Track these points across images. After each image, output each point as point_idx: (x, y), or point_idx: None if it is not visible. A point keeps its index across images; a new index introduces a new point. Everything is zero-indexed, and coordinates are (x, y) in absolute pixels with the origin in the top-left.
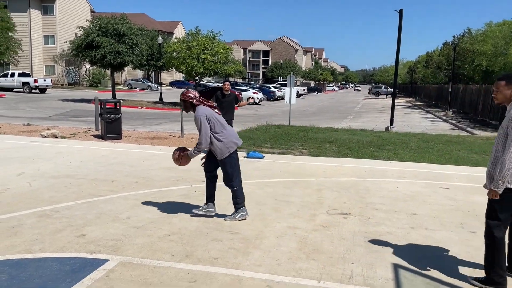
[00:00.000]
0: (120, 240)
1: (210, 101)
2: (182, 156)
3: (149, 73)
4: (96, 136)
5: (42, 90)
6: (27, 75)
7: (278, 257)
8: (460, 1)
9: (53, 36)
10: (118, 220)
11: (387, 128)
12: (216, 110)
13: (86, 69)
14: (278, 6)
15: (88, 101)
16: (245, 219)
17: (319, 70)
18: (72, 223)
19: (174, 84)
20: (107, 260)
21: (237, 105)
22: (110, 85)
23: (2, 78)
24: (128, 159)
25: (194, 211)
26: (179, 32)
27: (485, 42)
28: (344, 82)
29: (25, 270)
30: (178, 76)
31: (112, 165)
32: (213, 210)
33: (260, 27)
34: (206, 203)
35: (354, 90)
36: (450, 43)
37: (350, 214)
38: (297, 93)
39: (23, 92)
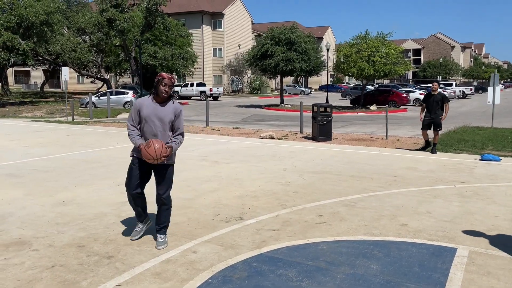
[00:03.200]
0: (444, 231)
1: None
2: (167, 148)
3: (298, 78)
4: (306, 138)
5: (215, 98)
6: (203, 84)
7: None
8: None
9: (221, 48)
10: (419, 213)
11: None
12: None
13: (248, 77)
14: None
15: (259, 106)
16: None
17: (483, 67)
18: (381, 213)
19: (323, 88)
20: (455, 249)
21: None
22: (268, 92)
23: (183, 88)
24: (360, 158)
25: (159, 247)
26: (328, 37)
27: None
28: (508, 80)
29: (390, 250)
30: (326, 80)
31: (351, 164)
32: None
33: (406, 25)
34: (142, 222)
35: None
36: None
37: None
38: (463, 93)
39: (200, 99)
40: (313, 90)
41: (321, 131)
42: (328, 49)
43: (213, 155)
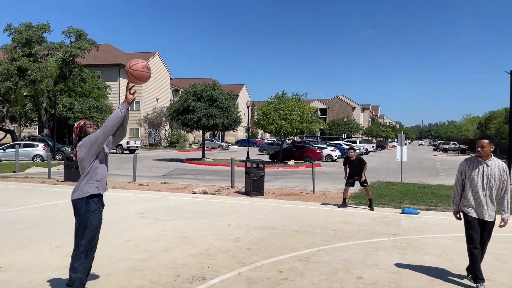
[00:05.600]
0: (395, 282)
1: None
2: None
3: (215, 133)
4: (239, 193)
5: (132, 151)
6: None
7: None
8: None
9: (138, 101)
10: (368, 266)
11: None
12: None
13: (166, 130)
14: (326, 69)
15: (180, 160)
16: None
17: (381, 127)
18: (335, 267)
19: (239, 142)
20: None
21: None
22: (187, 145)
23: None
24: (297, 213)
25: None
26: (243, 94)
27: None
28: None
29: None
30: (242, 135)
31: (291, 218)
32: None
33: (311, 87)
34: None
35: (419, 145)
36: None
37: None
38: (366, 150)
39: (116, 153)
40: (229, 144)
41: (254, 186)
42: (248, 107)
43: (152, 212)
